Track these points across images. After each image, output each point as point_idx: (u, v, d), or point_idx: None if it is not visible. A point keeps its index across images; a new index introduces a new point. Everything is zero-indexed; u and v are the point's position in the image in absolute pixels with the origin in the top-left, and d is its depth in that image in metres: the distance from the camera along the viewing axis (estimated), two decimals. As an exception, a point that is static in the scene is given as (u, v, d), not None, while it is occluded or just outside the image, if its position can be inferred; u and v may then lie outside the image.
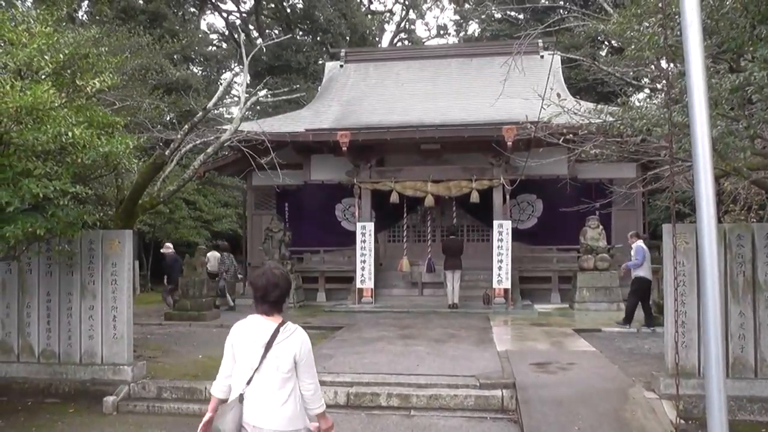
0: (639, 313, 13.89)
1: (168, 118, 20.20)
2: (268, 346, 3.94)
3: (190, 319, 15.46)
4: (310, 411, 4.04)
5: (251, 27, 43.28)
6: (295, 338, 4.01)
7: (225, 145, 13.21)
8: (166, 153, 11.23)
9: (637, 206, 20.09)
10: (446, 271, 17.33)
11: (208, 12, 43.84)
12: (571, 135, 10.49)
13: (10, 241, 7.57)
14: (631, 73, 11.00)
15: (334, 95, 23.05)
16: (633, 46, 8.15)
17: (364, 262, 18.01)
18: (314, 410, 4.06)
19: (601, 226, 17.74)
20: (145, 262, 27.48)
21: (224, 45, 43.47)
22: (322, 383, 8.63)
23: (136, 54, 18.72)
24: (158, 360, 10.68)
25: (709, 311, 3.53)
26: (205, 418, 4.12)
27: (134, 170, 9.98)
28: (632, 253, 14.14)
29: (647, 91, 15.45)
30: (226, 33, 43.98)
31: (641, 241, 14.34)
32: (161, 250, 19.32)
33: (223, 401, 4.09)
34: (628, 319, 13.86)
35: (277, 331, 3.99)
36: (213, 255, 25.98)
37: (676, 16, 6.88)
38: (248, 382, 3.92)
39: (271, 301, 4.10)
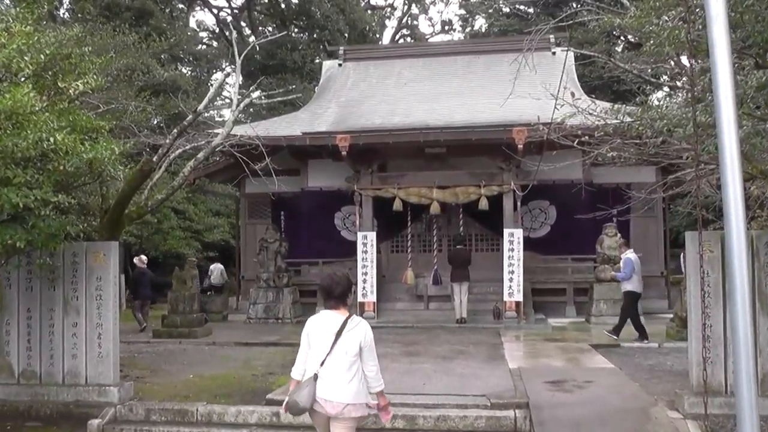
0: (629, 325, 14.06)
1: (155, 122, 20.20)
2: (338, 334, 5.15)
3: (180, 336, 15.44)
4: (372, 389, 5.27)
5: (243, 24, 43.43)
6: (360, 329, 5.22)
7: (216, 150, 13.21)
8: (154, 159, 11.23)
9: (657, 212, 20.07)
10: (453, 283, 17.29)
11: (198, 8, 44.02)
12: (586, 137, 10.46)
13: (-12, 254, 7.56)
14: (650, 70, 10.99)
15: (332, 96, 23.06)
16: (652, 41, 8.15)
17: (366, 274, 17.98)
18: (375, 388, 5.30)
19: (618, 234, 17.70)
20: (131, 276, 27.42)
21: (215, 43, 43.61)
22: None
23: (121, 54, 18.77)
24: (146, 380, 10.66)
25: (738, 324, 3.50)
26: (287, 398, 5.33)
27: (120, 178, 9.98)
28: (621, 265, 14.46)
29: (667, 89, 15.45)
30: (217, 30, 44.14)
31: (632, 251, 14.60)
32: (134, 260, 19.34)
33: (299, 382, 5.28)
34: (642, 335, 14.00)
35: (345, 323, 5.20)
36: (216, 267, 26.06)
37: (699, 9, 6.88)
38: (321, 364, 5.13)
39: (335, 297, 5.32)
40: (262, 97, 17.92)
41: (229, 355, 13.32)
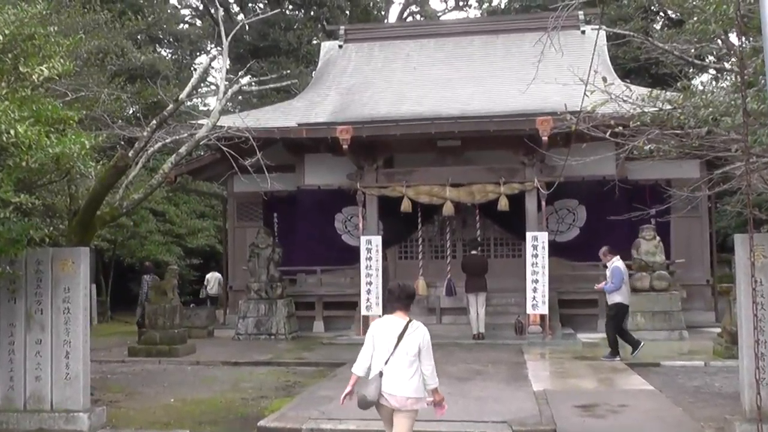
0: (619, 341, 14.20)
1: (131, 112, 20.21)
2: (401, 336, 6.44)
3: (159, 355, 15.44)
4: (428, 386, 6.51)
5: (231, 0, 43.44)
6: (419, 332, 6.51)
7: (201, 143, 13.19)
8: (130, 154, 11.21)
9: (701, 212, 19.99)
10: (469, 294, 17.26)
11: (179, -17, 44.06)
12: (620, 127, 10.42)
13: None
14: (693, 51, 10.93)
15: (331, 82, 23.04)
16: (695, 18, 8.10)
17: (371, 284, 17.95)
18: (431, 385, 6.53)
19: (657, 238, 17.64)
20: (104, 286, 27.48)
21: (199, 22, 43.66)
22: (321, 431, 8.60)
23: (92, 34, 18.72)
24: (121, 405, 10.65)
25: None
26: (346, 390, 6.64)
27: (91, 175, 9.97)
28: (607, 274, 14.61)
29: (713, 72, 15.39)
30: (201, 8, 44.12)
31: (618, 258, 14.70)
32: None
33: (359, 377, 6.58)
34: (615, 351, 14.20)
35: (407, 326, 6.50)
36: (214, 276, 26.13)
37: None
38: (386, 363, 6.41)
39: (401, 303, 6.66)
40: (253, 84, 17.93)
41: (215, 377, 13.30)
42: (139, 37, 29.55)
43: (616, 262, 14.53)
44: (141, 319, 17.71)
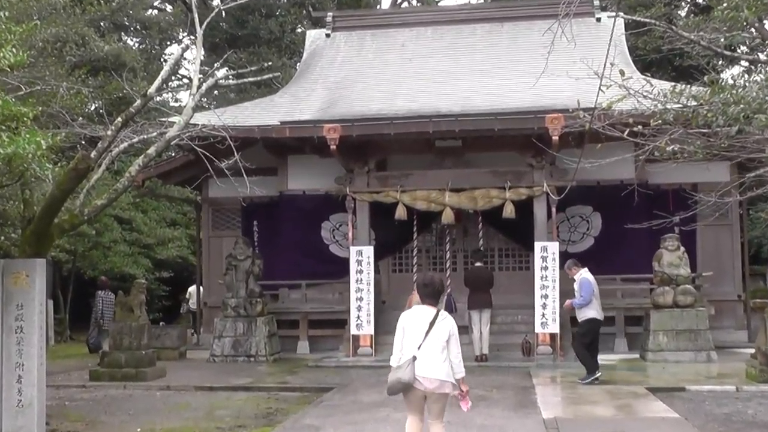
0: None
1: (94, 108, 20.18)
2: (432, 324, 7.62)
3: (125, 379, 15.37)
4: (456, 374, 7.65)
5: (206, -16, 43.49)
6: (448, 320, 7.74)
7: (172, 144, 13.14)
8: (92, 155, 11.16)
9: (731, 220, 20.04)
10: (471, 311, 17.24)
11: (148, -36, 44.04)
12: (639, 126, 10.42)
13: None
14: (723, 40, 10.94)
15: (318, 75, 23.04)
16: (725, 4, 8.09)
17: (361, 299, 17.92)
18: (458, 374, 7.68)
19: (682, 248, 17.65)
20: (62, 302, 27.36)
21: (169, 8, 43.55)
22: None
23: (48, 20, 18.69)
24: (81, 436, 10.59)
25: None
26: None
27: (48, 179, 9.92)
28: (575, 287, 14.72)
29: (745, 64, 15.44)
30: (173, -8, 44.14)
31: (586, 270, 14.84)
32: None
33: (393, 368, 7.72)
34: (591, 370, 14.30)
35: (437, 315, 7.70)
36: (195, 290, 26.05)
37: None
38: (419, 348, 7.53)
39: (432, 295, 7.90)
40: (230, 77, 17.90)
41: (187, 403, 13.25)
42: (102, 24, 29.52)
43: (585, 274, 14.71)
44: (94, 340, 17.63)
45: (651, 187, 18.56)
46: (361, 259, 18.03)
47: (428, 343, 7.55)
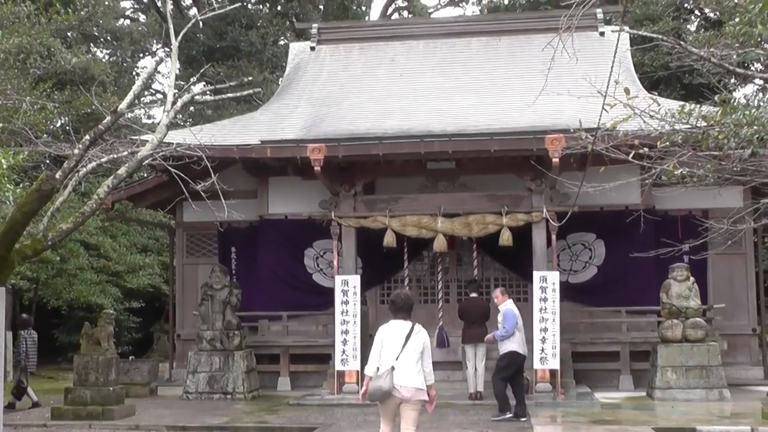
0: None
1: (60, 125, 20.18)
2: (408, 337, 9.13)
3: (90, 417, 15.23)
4: (428, 381, 9.17)
5: (182, -8, 43.63)
6: (422, 333, 9.27)
7: (144, 164, 13.13)
8: (57, 176, 11.15)
9: (745, 248, 20.10)
10: (467, 345, 17.18)
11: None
12: (645, 148, 10.47)
13: None
14: (735, 57, 11.02)
15: (302, 91, 23.08)
16: (737, 19, 8.15)
17: (347, 332, 17.87)
18: (429, 381, 9.20)
19: (692, 278, 17.67)
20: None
21: (142, 18, 43.69)
22: None
23: (10, 30, 18.73)
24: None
25: None
26: (362, 390, 9.52)
27: (9, 200, 9.90)
28: (499, 319, 15.07)
29: (759, 83, 15.54)
30: (145, 0, 44.24)
31: (511, 302, 15.26)
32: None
33: (370, 377, 9.24)
34: (503, 407, 14.63)
35: (412, 329, 9.22)
36: None
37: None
38: (396, 359, 9.01)
39: (404, 311, 9.43)
40: (208, 92, 17.94)
41: (157, 445, 13.17)
42: (69, 34, 29.60)
43: (509, 305, 15.08)
44: (18, 387, 17.38)
45: (658, 213, 18.62)
46: (347, 289, 17.98)
47: (405, 354, 9.09)
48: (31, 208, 10.60)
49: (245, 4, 39.27)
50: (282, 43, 38.20)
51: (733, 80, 12.42)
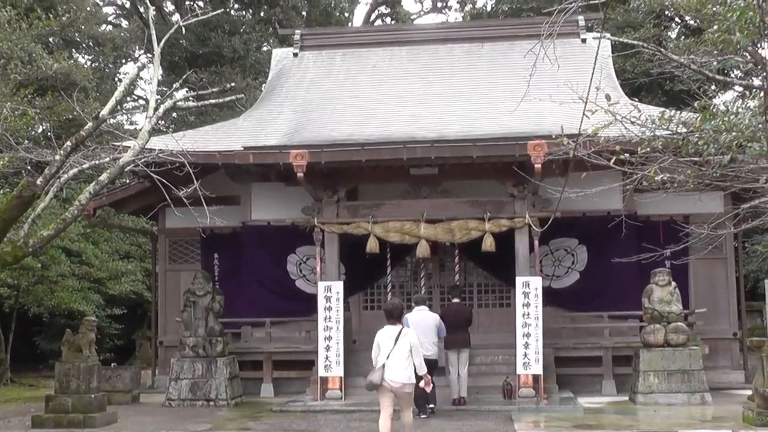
0: None
1: (41, 131, 20.12)
2: (397, 338, 11.08)
3: (71, 426, 15.16)
4: (419, 373, 11.22)
5: (164, -2, 43.53)
6: (410, 335, 11.30)
7: (126, 170, 13.12)
8: (38, 182, 11.13)
9: (726, 253, 20.22)
10: (449, 351, 17.21)
11: (102, -24, 44.04)
12: (626, 154, 10.53)
13: None
14: (714, 64, 11.10)
15: (285, 97, 23.09)
16: (716, 26, 8.22)
17: (330, 338, 17.86)
18: (420, 372, 11.21)
19: (673, 283, 17.72)
20: (2, 342, 27.06)
21: (125, 23, 43.60)
22: None
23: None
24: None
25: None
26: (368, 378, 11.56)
27: (-10, 207, 9.86)
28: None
29: (738, 89, 15.63)
30: (128, 6, 44.14)
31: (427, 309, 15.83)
32: None
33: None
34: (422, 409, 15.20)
35: (400, 332, 11.20)
36: None
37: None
38: (387, 357, 10.99)
39: (395, 317, 11.37)
40: (190, 98, 17.89)
41: (140, 453, 13.14)
42: (50, 39, 29.45)
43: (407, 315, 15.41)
44: None
45: (640, 218, 18.68)
46: (330, 295, 17.98)
47: (394, 353, 11.03)
48: (12, 215, 10.59)
49: (228, 10, 39.28)
50: (265, 49, 38.16)
51: (712, 87, 12.49)
